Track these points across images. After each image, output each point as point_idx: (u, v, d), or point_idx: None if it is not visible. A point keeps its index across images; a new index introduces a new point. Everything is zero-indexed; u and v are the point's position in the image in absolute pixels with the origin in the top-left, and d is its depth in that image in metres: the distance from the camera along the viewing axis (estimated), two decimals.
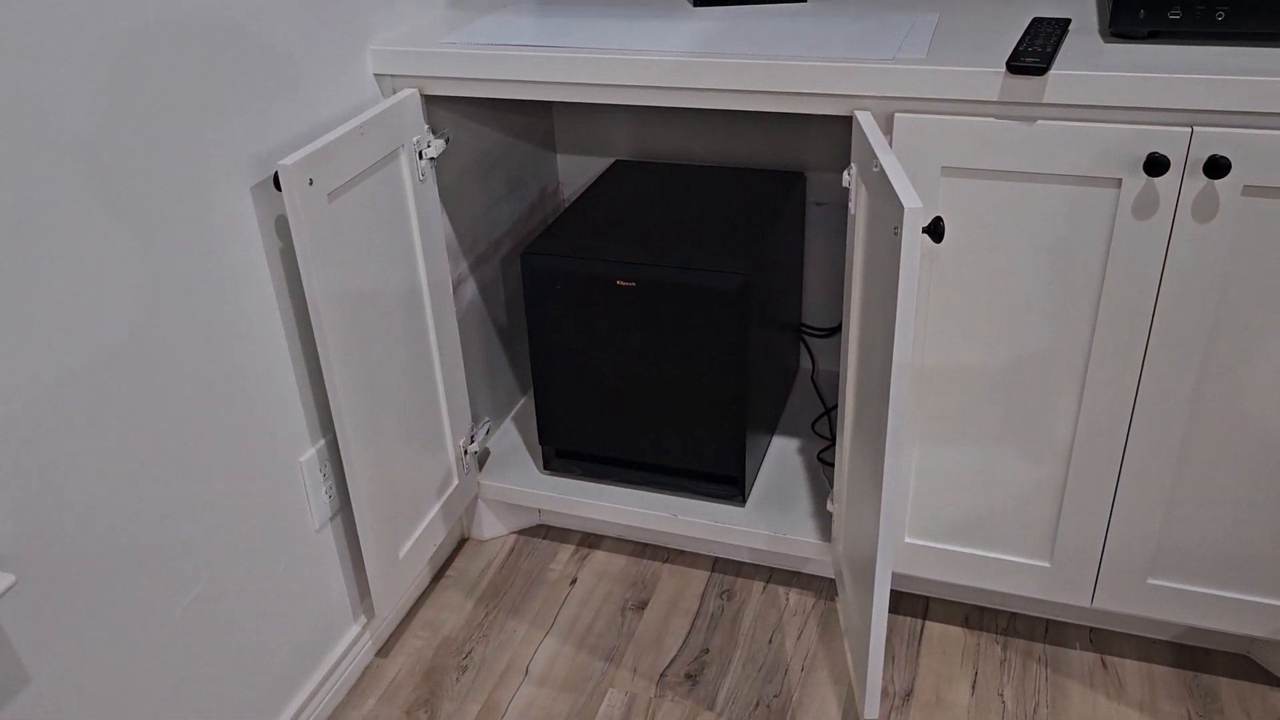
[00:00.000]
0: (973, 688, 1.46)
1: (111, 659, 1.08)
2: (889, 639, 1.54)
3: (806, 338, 1.91)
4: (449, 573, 1.71)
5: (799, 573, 1.67)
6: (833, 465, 1.67)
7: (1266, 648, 1.45)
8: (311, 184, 1.16)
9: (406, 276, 1.40)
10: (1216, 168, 1.08)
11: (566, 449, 1.65)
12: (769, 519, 1.56)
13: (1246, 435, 1.23)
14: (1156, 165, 1.10)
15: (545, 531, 1.79)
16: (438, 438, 1.54)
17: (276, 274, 1.25)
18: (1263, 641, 1.45)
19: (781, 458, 1.69)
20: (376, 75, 1.37)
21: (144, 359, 1.07)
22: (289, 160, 1.13)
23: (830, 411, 1.80)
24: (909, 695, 1.45)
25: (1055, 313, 1.23)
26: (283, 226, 1.25)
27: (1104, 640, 1.52)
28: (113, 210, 1.01)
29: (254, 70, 1.16)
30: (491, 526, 1.77)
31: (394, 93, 1.37)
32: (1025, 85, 1.12)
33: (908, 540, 1.44)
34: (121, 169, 1.01)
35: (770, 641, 1.55)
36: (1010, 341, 1.27)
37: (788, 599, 1.62)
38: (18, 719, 0.98)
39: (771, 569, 1.68)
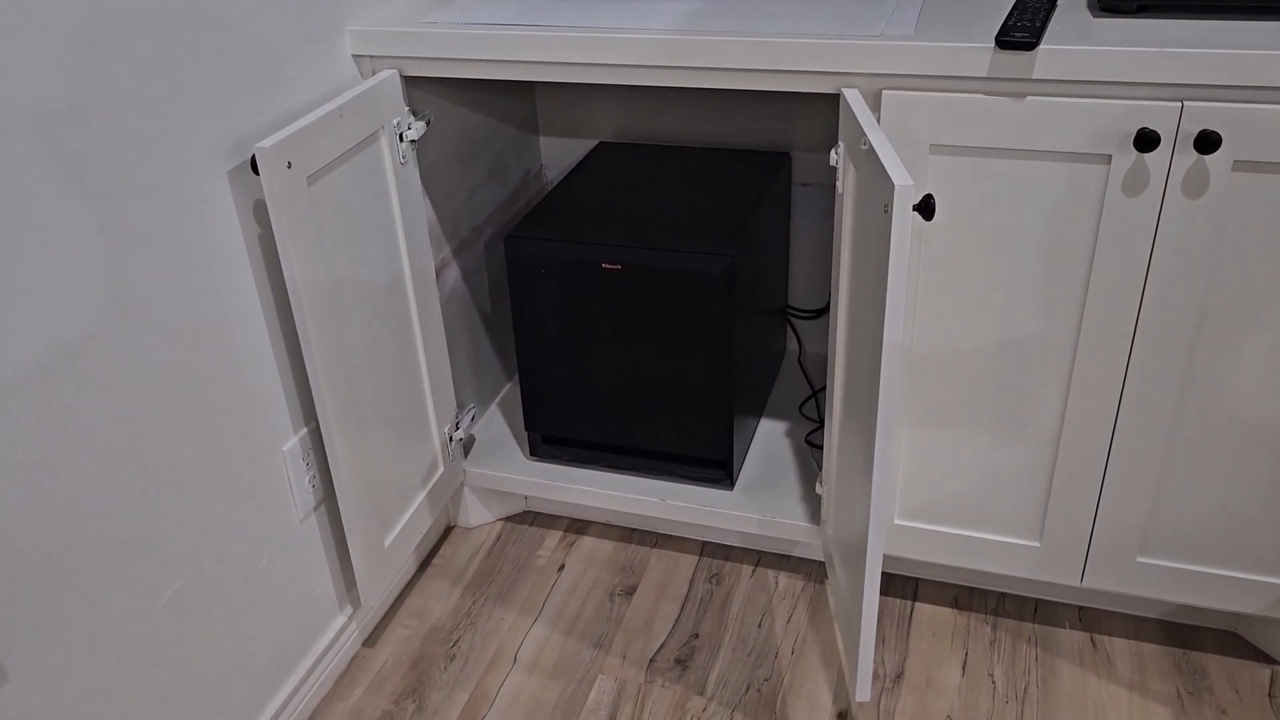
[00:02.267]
0: (963, 668, 1.45)
1: (93, 654, 1.06)
2: (879, 621, 1.53)
3: (793, 320, 1.90)
4: (435, 561, 1.69)
5: (788, 556, 1.66)
6: (821, 448, 1.66)
7: (1254, 624, 1.46)
8: (290, 167, 1.14)
9: (388, 262, 1.38)
10: (1207, 143, 1.07)
11: (553, 435, 1.63)
12: (757, 502, 1.55)
13: (1236, 414, 1.23)
14: (1147, 141, 1.09)
15: (532, 518, 1.77)
16: (422, 425, 1.52)
17: (255, 260, 1.22)
18: (1251, 618, 1.46)
19: (769, 441, 1.68)
20: (355, 56, 1.35)
21: (120, 348, 1.05)
22: (266, 143, 1.10)
23: (818, 394, 1.79)
24: (899, 677, 1.44)
25: (1045, 291, 1.22)
26: (261, 211, 1.22)
27: (1093, 619, 1.52)
28: (87, 195, 0.99)
29: (230, 51, 1.14)
30: (478, 514, 1.75)
31: (373, 74, 1.35)
32: (1014, 61, 1.11)
33: (897, 522, 1.44)
34: (93, 153, 0.99)
35: (760, 625, 1.54)
36: (1000, 321, 1.26)
37: (777, 582, 1.61)
38: None
39: (760, 552, 1.67)
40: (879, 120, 1.18)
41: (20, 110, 0.91)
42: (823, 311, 1.87)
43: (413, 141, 1.39)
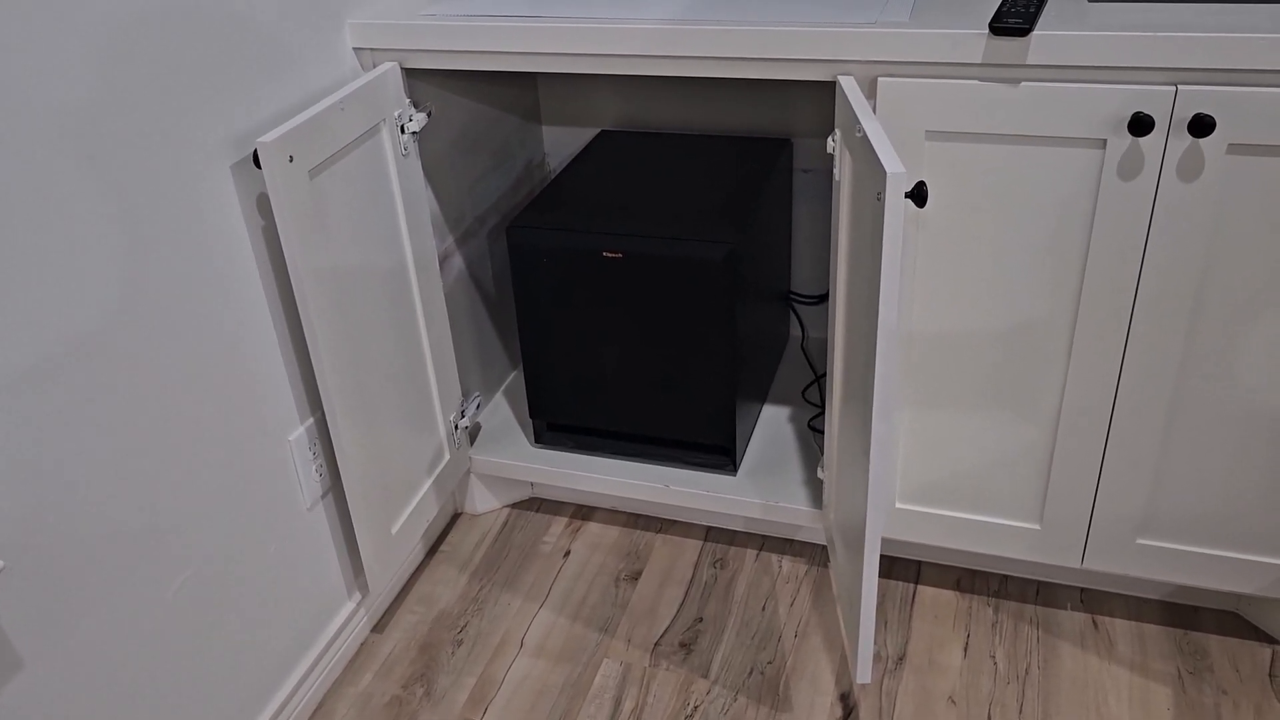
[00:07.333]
0: (965, 650, 1.47)
1: (105, 643, 1.08)
2: (881, 604, 1.55)
3: (796, 305, 1.90)
4: (442, 548, 1.71)
5: (791, 540, 1.67)
6: (823, 433, 1.67)
7: (1255, 604, 1.47)
8: (292, 161, 1.15)
9: (392, 252, 1.39)
10: (1201, 126, 1.08)
11: (558, 422, 1.65)
12: (761, 488, 1.56)
13: (1234, 395, 1.23)
14: (1141, 125, 1.09)
15: (538, 505, 1.79)
16: (428, 413, 1.53)
17: (260, 253, 1.24)
18: (1251, 598, 1.47)
19: (772, 426, 1.69)
20: (356, 49, 1.36)
21: (128, 341, 1.07)
22: (268, 137, 1.11)
23: (820, 379, 1.80)
24: (902, 659, 1.46)
25: (1042, 276, 1.23)
26: (265, 205, 1.24)
27: (1094, 600, 1.53)
28: (91, 191, 1.00)
29: (231, 46, 1.15)
30: (484, 501, 1.77)
31: (374, 67, 1.36)
32: (1008, 47, 1.11)
33: (898, 505, 1.45)
34: (106, 151, 1.00)
35: (763, 609, 1.55)
36: (997, 306, 1.27)
37: (780, 567, 1.63)
38: (12, 705, 0.98)
39: (764, 537, 1.69)
40: (875, 107, 1.18)
41: (46, 110, 0.92)
42: (825, 297, 1.88)
43: (414, 133, 1.40)
